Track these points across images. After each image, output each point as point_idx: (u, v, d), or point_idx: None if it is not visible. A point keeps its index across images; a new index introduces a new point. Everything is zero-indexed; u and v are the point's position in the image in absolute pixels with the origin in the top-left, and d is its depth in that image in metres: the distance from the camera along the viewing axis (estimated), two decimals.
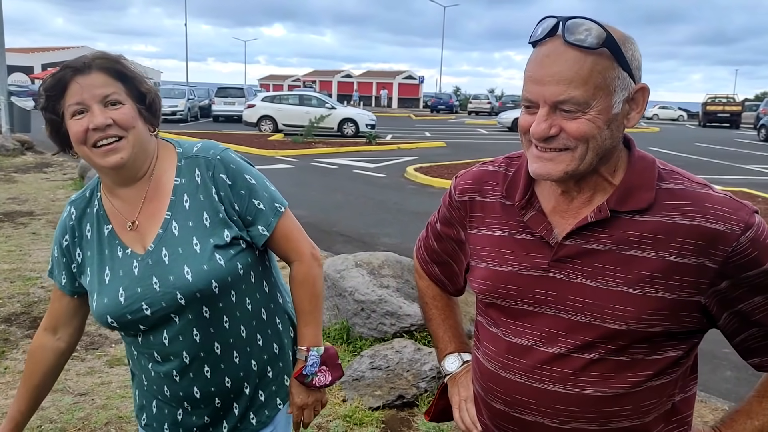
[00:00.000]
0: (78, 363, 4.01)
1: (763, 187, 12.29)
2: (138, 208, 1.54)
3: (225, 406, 1.61)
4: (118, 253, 1.53)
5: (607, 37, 1.09)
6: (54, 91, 1.46)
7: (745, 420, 1.22)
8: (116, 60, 1.50)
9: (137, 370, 1.66)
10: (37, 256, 6.26)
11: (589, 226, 1.17)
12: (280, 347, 1.67)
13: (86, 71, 1.45)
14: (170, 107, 28.82)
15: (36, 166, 13.04)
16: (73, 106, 1.44)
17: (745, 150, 21.97)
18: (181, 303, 1.47)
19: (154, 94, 1.54)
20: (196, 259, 1.47)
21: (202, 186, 1.53)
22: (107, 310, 1.50)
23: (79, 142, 1.46)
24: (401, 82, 64.77)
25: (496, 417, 1.30)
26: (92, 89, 1.44)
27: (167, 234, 1.51)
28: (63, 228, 1.62)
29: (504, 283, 1.25)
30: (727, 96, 40.67)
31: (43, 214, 8.29)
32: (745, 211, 1.12)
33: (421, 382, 3.59)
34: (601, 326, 1.14)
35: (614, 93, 1.11)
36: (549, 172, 1.15)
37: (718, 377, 4.30)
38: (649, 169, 1.19)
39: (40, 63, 56.48)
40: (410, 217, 9.09)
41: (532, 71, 1.14)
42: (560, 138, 1.12)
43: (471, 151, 18.94)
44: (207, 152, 1.56)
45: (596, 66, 1.09)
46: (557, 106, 1.10)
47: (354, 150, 18.29)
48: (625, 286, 1.13)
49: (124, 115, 1.46)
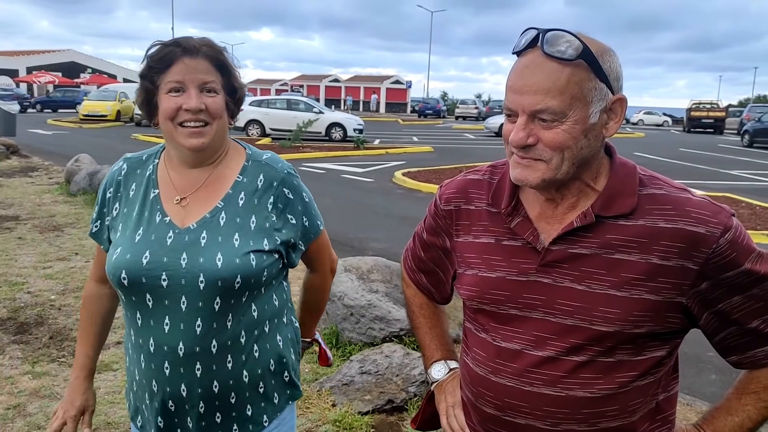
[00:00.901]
0: (66, 368, 3.98)
1: (746, 192, 12.45)
2: (193, 188, 1.59)
3: (208, 413, 1.58)
4: (156, 217, 1.57)
5: (584, 50, 1.12)
6: (159, 64, 1.52)
7: (726, 416, 1.26)
8: (221, 51, 1.58)
9: (130, 363, 1.64)
10: (23, 261, 6.21)
11: (575, 231, 1.20)
12: (276, 363, 1.66)
13: (194, 54, 1.52)
14: None
15: (21, 171, 12.92)
16: (173, 83, 1.51)
17: (729, 155, 22.21)
18: (200, 286, 1.49)
19: (243, 91, 1.64)
20: (232, 251, 1.51)
21: (261, 191, 1.60)
22: (125, 265, 1.51)
23: (167, 117, 1.53)
24: (389, 87, 64.90)
25: (487, 421, 1.31)
26: (195, 72, 1.51)
27: (213, 221, 1.55)
28: (110, 180, 1.66)
29: (492, 288, 1.27)
30: (711, 102, 41.10)
31: (28, 218, 8.23)
32: (723, 214, 1.17)
33: (411, 386, 3.61)
34: (589, 328, 1.17)
35: (591, 103, 1.14)
36: (526, 178, 1.18)
37: (703, 380, 4.36)
38: (630, 175, 1.22)
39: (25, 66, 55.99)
40: (399, 222, 9.11)
41: (512, 81, 1.18)
42: (537, 148, 1.16)
43: (458, 155, 19.01)
44: (276, 163, 1.65)
45: (573, 77, 1.12)
46: (535, 116, 1.14)
47: (342, 154, 18.31)
48: (612, 289, 1.16)
49: (216, 104, 1.54)
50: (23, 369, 3.95)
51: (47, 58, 58.76)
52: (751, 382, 1.25)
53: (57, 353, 4.22)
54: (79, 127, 27.32)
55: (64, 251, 6.66)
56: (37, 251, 6.62)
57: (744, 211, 10.30)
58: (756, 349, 1.21)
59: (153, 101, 1.56)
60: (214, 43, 1.58)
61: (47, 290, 5.42)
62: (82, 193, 9.70)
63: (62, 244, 6.97)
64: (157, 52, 1.53)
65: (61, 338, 4.45)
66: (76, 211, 8.74)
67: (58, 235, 7.39)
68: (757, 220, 9.71)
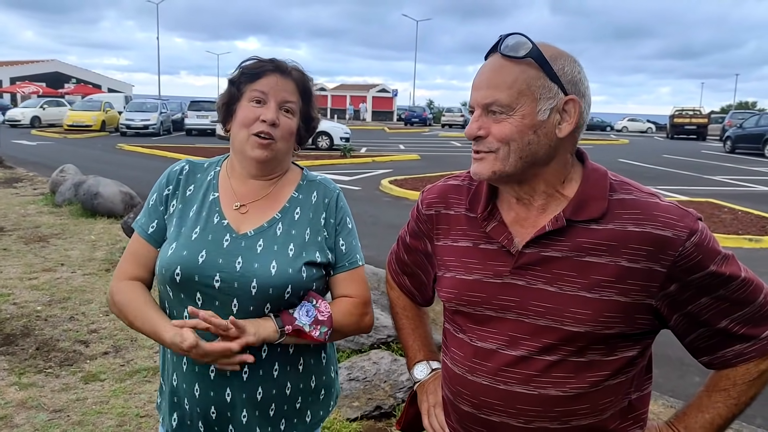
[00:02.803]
0: (52, 379, 3.97)
1: (729, 198, 12.59)
2: (253, 198, 1.65)
3: (249, 423, 1.59)
4: (214, 219, 1.61)
5: (533, 50, 1.21)
6: (250, 74, 1.61)
7: (696, 414, 1.29)
8: (309, 79, 1.68)
9: (169, 368, 1.63)
10: (8, 273, 6.17)
11: (548, 235, 1.24)
12: (317, 380, 1.70)
13: (285, 74, 1.62)
14: (142, 121, 28.60)
15: (6, 181, 12.82)
16: (257, 93, 1.59)
17: (711, 161, 22.48)
18: (251, 291, 1.52)
19: (317, 122, 1.74)
20: (286, 260, 1.56)
21: (315, 206, 1.67)
22: (181, 261, 1.54)
23: (243, 125, 1.59)
24: (375, 96, 65.03)
25: (464, 420, 1.35)
26: (280, 90, 1.60)
27: (270, 230, 1.60)
28: (170, 178, 1.69)
29: (469, 290, 1.31)
30: (693, 109, 41.59)
31: (13, 230, 8.17)
32: (689, 218, 1.22)
33: (399, 392, 3.64)
34: (560, 329, 1.21)
35: (539, 100, 1.21)
36: (479, 172, 1.26)
37: (687, 383, 4.41)
38: (601, 180, 1.28)
39: (9, 77, 55.54)
40: (386, 230, 9.15)
41: (475, 78, 1.28)
42: (486, 140, 1.24)
43: (445, 163, 19.10)
44: (328, 183, 1.75)
45: (522, 74, 1.21)
46: (487, 109, 1.23)
47: (329, 163, 18.32)
48: (582, 291, 1.20)
49: (289, 125, 1.62)
50: (9, 380, 3.93)
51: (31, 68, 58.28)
52: (720, 380, 1.28)
53: (44, 364, 4.20)
54: (64, 137, 27.14)
55: (49, 262, 6.63)
56: (22, 262, 6.58)
57: (726, 216, 10.43)
58: (725, 349, 1.25)
59: (232, 107, 1.63)
60: (304, 71, 1.67)
61: (33, 301, 5.39)
62: (68, 203, 9.64)
63: (48, 255, 6.94)
64: (252, 63, 1.62)
65: (48, 349, 4.44)
66: (61, 222, 8.69)
67: (44, 245, 7.35)
68: (738, 224, 9.83)
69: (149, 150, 20.77)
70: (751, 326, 1.22)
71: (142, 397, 3.78)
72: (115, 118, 31.48)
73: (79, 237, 7.84)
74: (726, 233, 9.18)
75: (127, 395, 3.79)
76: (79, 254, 7.00)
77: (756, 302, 1.22)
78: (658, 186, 14.32)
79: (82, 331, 4.75)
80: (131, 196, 9.28)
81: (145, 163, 17.13)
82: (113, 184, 9.45)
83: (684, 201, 11.97)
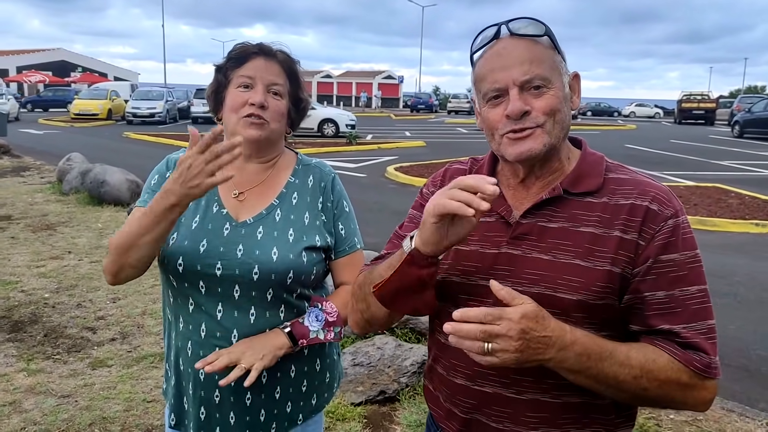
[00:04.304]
0: (60, 365, 4.02)
1: (736, 183, 12.53)
2: (250, 185, 1.66)
3: (253, 406, 1.61)
4: (213, 208, 1.62)
5: (547, 28, 1.25)
6: (235, 59, 1.61)
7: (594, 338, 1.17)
8: (294, 61, 1.68)
9: (174, 354, 1.66)
10: (16, 260, 6.23)
11: (544, 205, 1.26)
12: (321, 363, 1.72)
13: (270, 57, 1.62)
14: (148, 109, 28.64)
15: (13, 170, 12.89)
16: (244, 78, 1.59)
17: (719, 146, 22.33)
18: (253, 277, 1.54)
19: (307, 104, 1.74)
20: (286, 246, 1.58)
21: (312, 190, 1.69)
22: (184, 251, 1.55)
23: (232, 110, 1.60)
24: (381, 82, 64.83)
25: (456, 394, 1.35)
26: (266, 73, 1.60)
27: (269, 217, 1.62)
28: (169, 165, 1.69)
29: (464, 260, 1.32)
30: (701, 93, 41.24)
31: (21, 218, 8.22)
32: (678, 202, 1.24)
33: (402, 377, 3.66)
34: (553, 296, 1.21)
35: (562, 74, 1.26)
36: (530, 148, 1.23)
37: None
38: (598, 162, 1.31)
39: (15, 66, 55.65)
40: (391, 216, 9.15)
41: (493, 63, 1.25)
42: (530, 117, 1.22)
43: (451, 150, 19.06)
44: (323, 166, 1.76)
45: (545, 51, 1.25)
46: (524, 86, 1.22)
47: (334, 150, 18.32)
48: (576, 259, 1.21)
49: (278, 107, 1.62)
50: (18, 366, 3.98)
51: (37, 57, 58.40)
52: (647, 350, 1.19)
53: (52, 350, 4.25)
54: (71, 126, 27.22)
55: (57, 250, 6.68)
56: (30, 250, 6.63)
57: (733, 201, 10.39)
58: (659, 339, 1.20)
59: (221, 95, 1.64)
60: (290, 53, 1.67)
61: (41, 288, 5.44)
62: (74, 192, 9.70)
63: (55, 243, 6.99)
64: (237, 49, 1.63)
65: (56, 336, 4.48)
66: (68, 210, 8.75)
67: (51, 234, 7.40)
68: (745, 209, 9.79)
69: (155, 138, 20.82)
70: (692, 335, 1.18)
71: (148, 382, 3.82)
72: (121, 106, 31.50)
73: (86, 225, 7.89)
74: (732, 218, 9.15)
75: (134, 381, 3.83)
76: (86, 242, 7.05)
77: (707, 322, 1.19)
78: (664, 171, 14.26)
79: (89, 318, 4.80)
80: (137, 184, 9.31)
81: (152, 151, 17.17)
82: (120, 172, 9.50)
83: (691, 186, 11.94)
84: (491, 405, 1.30)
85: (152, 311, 4.94)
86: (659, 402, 1.21)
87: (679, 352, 1.18)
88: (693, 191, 11.24)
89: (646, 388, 1.17)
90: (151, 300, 5.16)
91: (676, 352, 1.18)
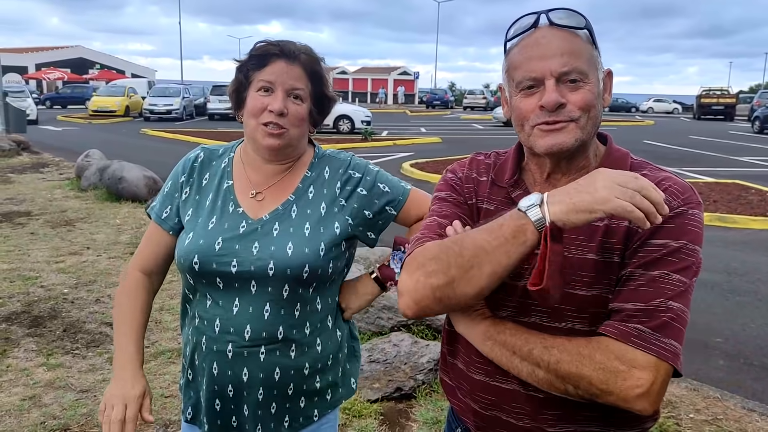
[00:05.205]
0: (80, 360, 4.05)
1: (756, 179, 12.37)
2: (268, 184, 1.65)
3: (265, 401, 1.62)
4: (229, 207, 1.62)
5: (587, 21, 1.23)
6: (256, 61, 1.58)
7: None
8: (317, 61, 1.63)
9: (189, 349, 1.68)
10: (35, 256, 6.29)
11: None
12: (334, 360, 1.71)
13: (291, 59, 1.58)
14: (165, 106, 28.84)
15: (32, 167, 13.04)
16: (263, 82, 1.56)
17: (739, 142, 22.06)
18: (269, 273, 1.54)
19: (332, 102, 1.70)
20: (302, 241, 1.57)
21: (329, 180, 1.67)
22: (198, 250, 1.56)
23: (252, 115, 1.58)
24: (396, 78, 64.72)
25: (476, 389, 1.35)
26: (287, 77, 1.57)
27: (285, 213, 1.61)
28: (185, 166, 1.70)
29: None
30: (721, 88, 40.79)
31: (40, 214, 8.32)
32: (693, 196, 1.20)
33: (419, 374, 3.65)
34: (568, 293, 1.19)
35: (598, 69, 1.24)
36: (563, 142, 1.21)
37: (711, 366, 4.36)
38: (623, 159, 1.29)
39: (34, 63, 56.27)
40: None
41: (530, 52, 1.23)
42: (566, 109, 1.20)
43: (466, 146, 18.98)
44: (338, 154, 1.75)
45: (584, 44, 1.23)
46: (561, 78, 1.19)
47: (350, 146, 18.31)
48: (590, 254, 1.20)
49: (298, 112, 1.59)
50: (38, 361, 4.03)
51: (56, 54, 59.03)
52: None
53: (71, 345, 4.29)
54: (89, 122, 27.48)
55: (76, 246, 6.74)
56: (49, 246, 6.70)
57: (753, 198, 10.25)
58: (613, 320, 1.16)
59: (242, 95, 1.62)
60: (313, 52, 1.63)
61: (60, 284, 5.50)
62: (93, 188, 9.79)
63: (74, 238, 7.06)
64: (258, 49, 1.59)
65: (75, 331, 4.53)
66: (87, 206, 8.83)
67: (70, 229, 7.47)
68: (766, 206, 9.65)
69: (172, 135, 20.94)
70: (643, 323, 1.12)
71: (166, 378, 3.84)
72: (138, 103, 31.75)
73: (104, 221, 7.96)
74: (753, 215, 9.03)
75: (152, 376, 3.85)
76: (104, 238, 7.11)
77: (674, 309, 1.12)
78: (684, 168, 14.10)
79: (107, 314, 4.84)
80: (155, 181, 9.38)
81: (168, 147, 17.28)
82: (137, 169, 9.57)
83: (710, 182, 11.79)
84: (510, 402, 1.29)
85: (170, 307, 4.97)
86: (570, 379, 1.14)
87: (616, 326, 1.11)
88: (712, 187, 11.10)
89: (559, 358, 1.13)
90: (169, 296, 5.19)
91: (611, 329, 1.11)
